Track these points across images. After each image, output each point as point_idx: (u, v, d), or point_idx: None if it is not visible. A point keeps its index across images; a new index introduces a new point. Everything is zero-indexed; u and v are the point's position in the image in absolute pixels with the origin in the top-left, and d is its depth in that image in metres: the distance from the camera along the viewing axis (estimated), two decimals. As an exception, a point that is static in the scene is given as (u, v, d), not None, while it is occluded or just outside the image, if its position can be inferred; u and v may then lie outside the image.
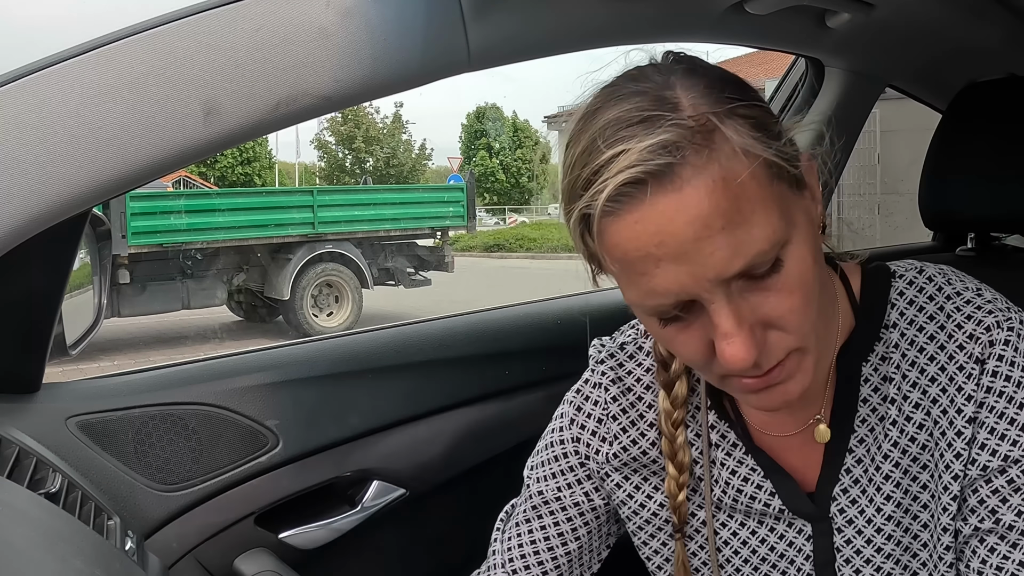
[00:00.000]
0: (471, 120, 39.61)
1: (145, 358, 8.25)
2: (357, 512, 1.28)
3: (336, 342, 1.41)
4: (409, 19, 0.82)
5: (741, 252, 0.63)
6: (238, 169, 31.03)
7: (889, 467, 0.77)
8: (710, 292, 0.64)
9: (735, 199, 0.62)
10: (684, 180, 0.62)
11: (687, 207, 0.62)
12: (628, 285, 0.68)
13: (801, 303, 0.67)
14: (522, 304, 1.61)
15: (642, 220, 0.63)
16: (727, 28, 1.10)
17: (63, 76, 0.73)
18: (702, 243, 0.62)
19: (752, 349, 0.65)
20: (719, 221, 0.62)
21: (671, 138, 0.62)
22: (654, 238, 0.63)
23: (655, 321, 0.69)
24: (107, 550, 0.81)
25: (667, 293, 0.65)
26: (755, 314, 0.66)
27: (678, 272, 0.64)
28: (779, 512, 0.83)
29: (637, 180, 0.62)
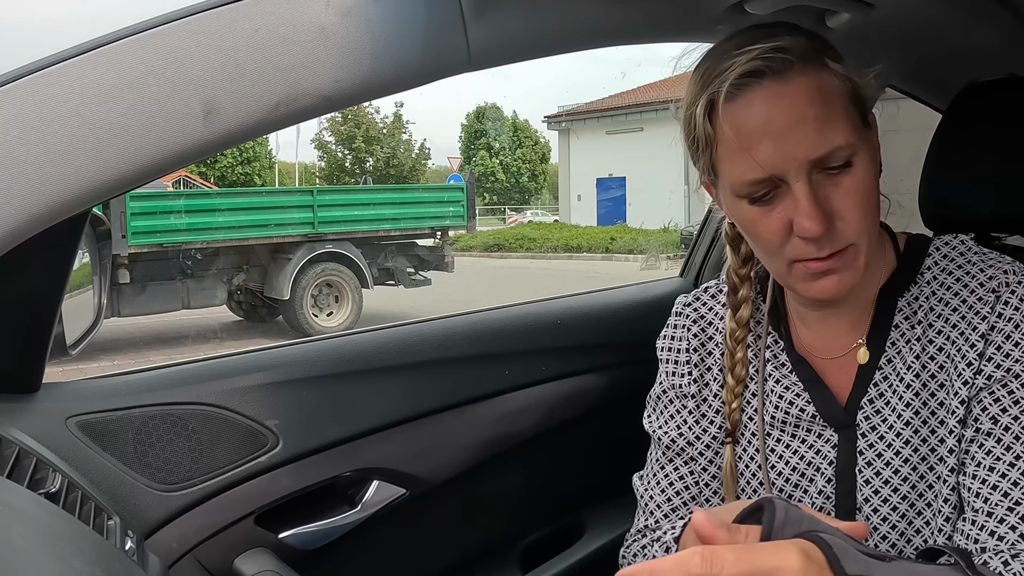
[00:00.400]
0: (471, 120, 39.62)
1: (145, 358, 8.25)
2: (357, 512, 1.28)
3: (336, 342, 1.41)
4: (409, 19, 0.82)
5: (825, 142, 0.81)
6: (238, 169, 31.03)
7: (911, 379, 0.90)
8: (797, 171, 0.82)
9: (826, 103, 0.82)
10: (792, 78, 0.82)
11: (791, 97, 0.81)
12: (733, 162, 0.85)
13: (862, 204, 0.84)
14: (522, 304, 1.61)
15: (756, 103, 0.82)
16: (727, 28, 1.10)
17: (63, 76, 0.73)
18: (797, 127, 0.81)
19: (822, 222, 0.82)
20: (812, 113, 0.81)
21: (787, 45, 0.82)
22: (763, 116, 0.82)
23: (745, 203, 0.86)
24: (107, 550, 0.81)
25: (765, 165, 0.82)
26: (827, 203, 0.83)
27: (776, 149, 0.82)
28: (811, 420, 0.95)
29: (757, 71, 0.82)
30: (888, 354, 0.92)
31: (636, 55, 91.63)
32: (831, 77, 0.84)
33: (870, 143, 0.87)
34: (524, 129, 40.22)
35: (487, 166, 38.39)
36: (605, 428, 1.60)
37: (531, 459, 1.51)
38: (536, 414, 1.49)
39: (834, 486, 0.94)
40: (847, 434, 0.94)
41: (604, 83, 61.70)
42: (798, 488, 0.96)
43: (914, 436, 0.90)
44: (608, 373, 1.58)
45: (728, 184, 0.87)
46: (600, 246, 18.75)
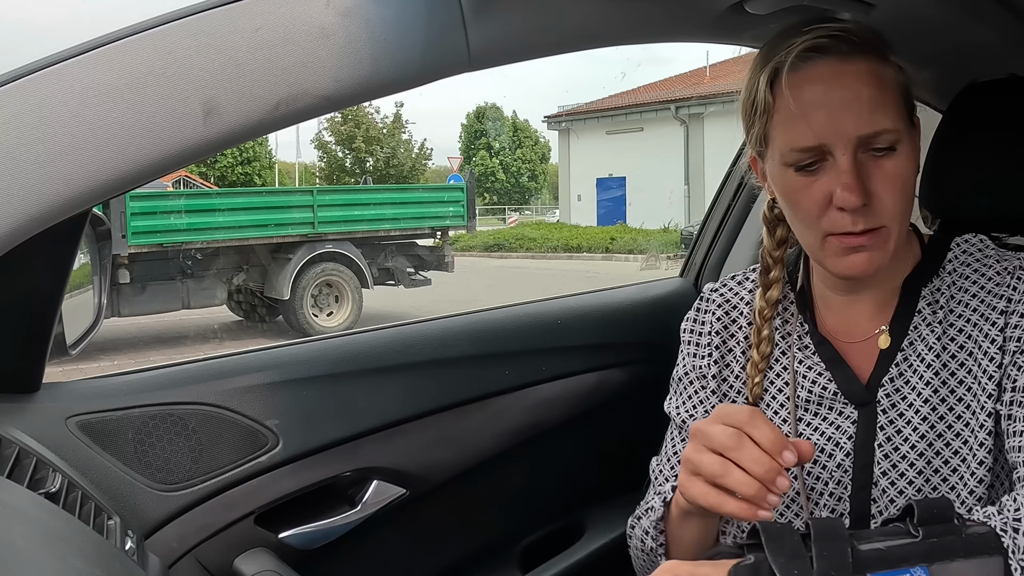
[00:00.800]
0: (471, 120, 39.61)
1: (145, 358, 8.24)
2: (357, 512, 1.28)
3: (336, 342, 1.41)
4: (409, 19, 0.82)
5: (875, 122, 0.87)
6: (238, 169, 31.01)
7: (932, 360, 0.95)
8: (844, 145, 0.87)
9: (881, 88, 0.89)
10: (853, 59, 0.88)
11: (850, 76, 0.88)
12: (787, 128, 0.90)
13: (899, 189, 0.90)
14: (522, 304, 1.61)
15: (817, 75, 0.88)
16: (727, 28, 1.10)
17: (63, 76, 0.73)
18: (852, 104, 0.87)
19: (861, 195, 0.87)
20: (867, 93, 0.87)
21: (853, 29, 0.89)
22: (821, 87, 0.88)
23: (791, 171, 0.91)
24: (107, 550, 0.81)
25: (816, 133, 0.88)
26: (868, 180, 0.88)
27: (828, 121, 0.87)
28: (833, 397, 0.99)
29: (822, 48, 0.88)
30: (910, 337, 0.97)
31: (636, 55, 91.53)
32: (888, 67, 0.90)
33: (914, 139, 0.93)
34: (524, 129, 40.22)
35: (487, 166, 38.38)
36: (605, 428, 1.60)
37: (531, 459, 1.51)
38: (536, 414, 1.49)
39: (852, 460, 0.97)
40: (867, 411, 0.97)
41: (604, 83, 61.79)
42: (816, 464, 0.99)
43: (932, 413, 0.94)
44: (608, 373, 1.58)
45: (778, 151, 0.92)
46: (600, 246, 18.74)
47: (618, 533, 1.56)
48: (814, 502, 0.99)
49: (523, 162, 39.50)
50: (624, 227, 21.51)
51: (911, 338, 0.97)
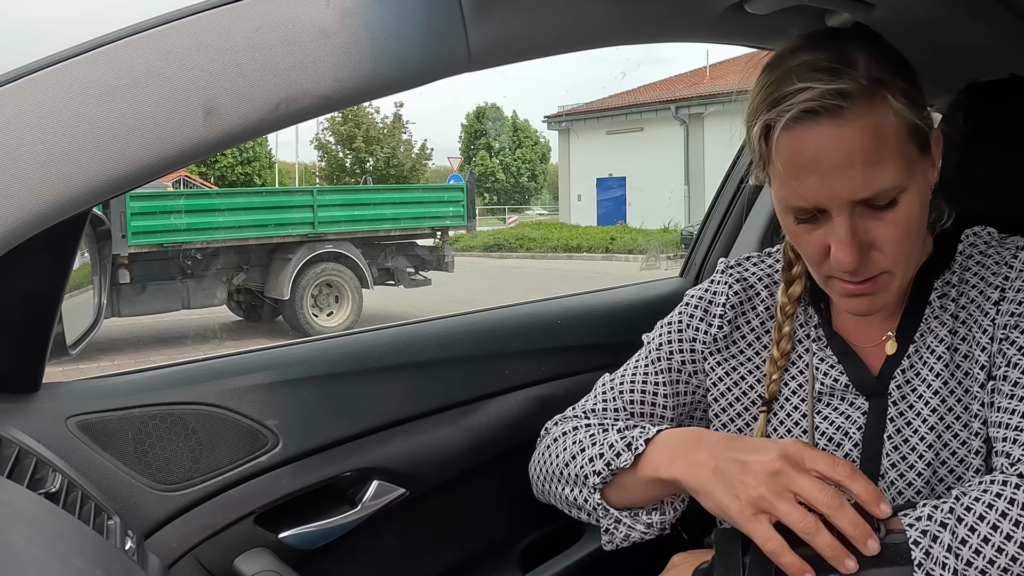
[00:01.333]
0: (471, 120, 39.61)
1: (145, 358, 8.25)
2: (357, 512, 1.28)
3: (336, 342, 1.41)
4: (409, 19, 0.82)
5: (870, 184, 0.84)
6: (238, 169, 31.00)
7: (942, 352, 0.95)
8: (839, 207, 0.86)
9: (878, 145, 0.84)
10: (847, 120, 0.83)
11: (843, 140, 0.83)
12: (781, 185, 0.89)
13: (902, 238, 0.88)
14: (522, 304, 1.61)
15: (809, 140, 0.84)
16: (727, 28, 1.10)
17: (63, 76, 0.73)
18: (845, 169, 0.84)
19: (856, 259, 0.86)
20: (862, 157, 0.83)
21: (846, 88, 0.83)
22: (814, 155, 0.84)
23: (791, 218, 0.91)
24: (107, 550, 0.81)
25: (808, 199, 0.87)
26: (866, 235, 0.87)
27: (821, 185, 0.85)
28: (844, 389, 1.00)
29: (814, 111, 0.84)
30: (920, 330, 0.98)
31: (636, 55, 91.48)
32: (889, 116, 0.85)
33: (924, 172, 0.91)
34: (524, 129, 40.22)
35: (487, 166, 38.38)
36: (605, 428, 1.60)
37: (531, 459, 1.50)
38: (536, 414, 1.49)
39: (860, 451, 0.98)
40: (878, 402, 0.98)
41: (604, 83, 61.81)
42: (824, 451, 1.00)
43: (941, 405, 0.94)
44: (608, 373, 1.58)
45: (776, 198, 0.93)
46: (600, 246, 18.75)
47: (618, 533, 1.56)
48: None
49: (523, 162, 39.51)
50: (624, 227, 21.52)
51: (921, 330, 0.97)
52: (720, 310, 1.09)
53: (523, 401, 1.46)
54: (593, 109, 25.99)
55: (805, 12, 1.04)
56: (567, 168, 27.10)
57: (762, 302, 1.09)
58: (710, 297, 1.11)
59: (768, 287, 1.10)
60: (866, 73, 0.85)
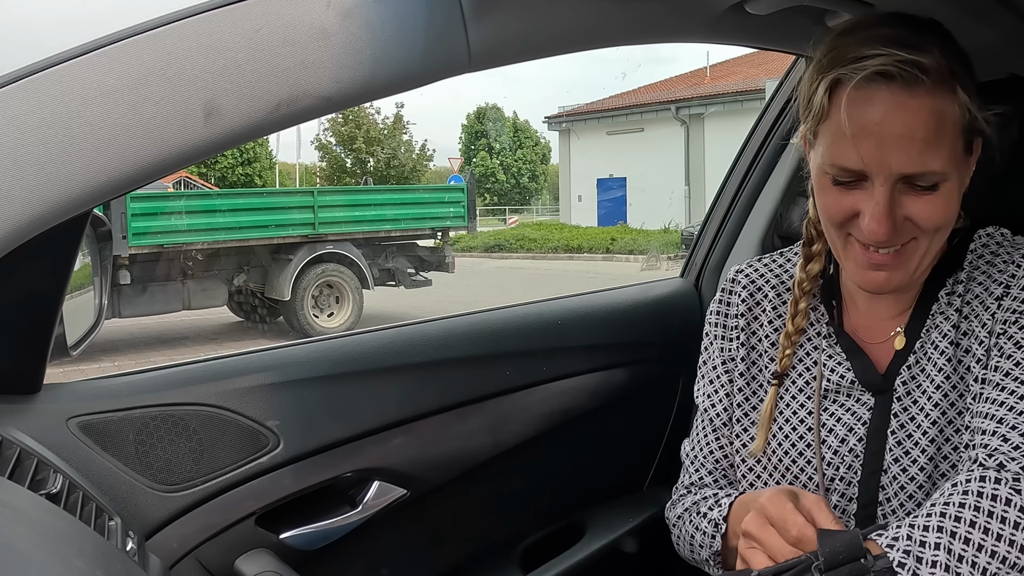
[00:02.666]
0: (471, 121, 39.59)
1: (146, 359, 8.24)
2: (358, 512, 1.28)
3: (337, 343, 1.41)
4: (409, 20, 0.82)
5: (920, 163, 0.86)
6: (238, 170, 30.99)
7: (946, 347, 0.96)
8: (884, 177, 0.87)
9: (939, 129, 0.86)
10: (918, 94, 0.85)
11: (909, 110, 0.85)
12: (834, 142, 0.89)
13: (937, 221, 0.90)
14: (522, 304, 1.60)
15: (878, 101, 0.86)
16: (727, 28, 1.10)
17: (64, 76, 0.73)
18: (903, 140, 0.85)
19: (890, 229, 0.88)
20: (922, 134, 0.85)
21: (924, 62, 0.85)
22: (877, 116, 0.86)
23: (830, 178, 0.91)
24: (108, 550, 0.81)
25: (859, 160, 0.87)
26: (902, 210, 0.89)
27: (876, 150, 0.86)
28: (851, 385, 1.01)
29: (890, 75, 0.85)
30: (927, 326, 0.99)
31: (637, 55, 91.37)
32: (953, 105, 0.87)
33: (964, 170, 0.92)
34: (524, 130, 40.20)
35: (487, 167, 38.36)
36: (606, 428, 1.60)
37: (532, 459, 1.50)
38: (537, 414, 1.49)
39: (864, 445, 0.99)
40: (884, 398, 0.99)
41: (604, 83, 61.81)
42: (829, 448, 1.01)
43: (943, 400, 0.95)
44: (609, 373, 1.58)
45: (822, 156, 0.92)
46: (601, 246, 18.74)
47: (619, 533, 1.56)
48: (824, 487, 1.01)
49: (523, 163, 39.49)
50: (625, 227, 21.51)
51: (927, 326, 0.99)
52: (735, 321, 1.12)
53: (524, 402, 1.46)
54: (593, 110, 25.99)
55: (805, 12, 1.05)
56: (567, 169, 27.09)
57: (767, 295, 1.12)
58: (724, 310, 1.13)
59: (775, 287, 1.12)
60: (942, 59, 0.87)
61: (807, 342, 1.06)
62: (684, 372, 1.69)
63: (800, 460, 1.04)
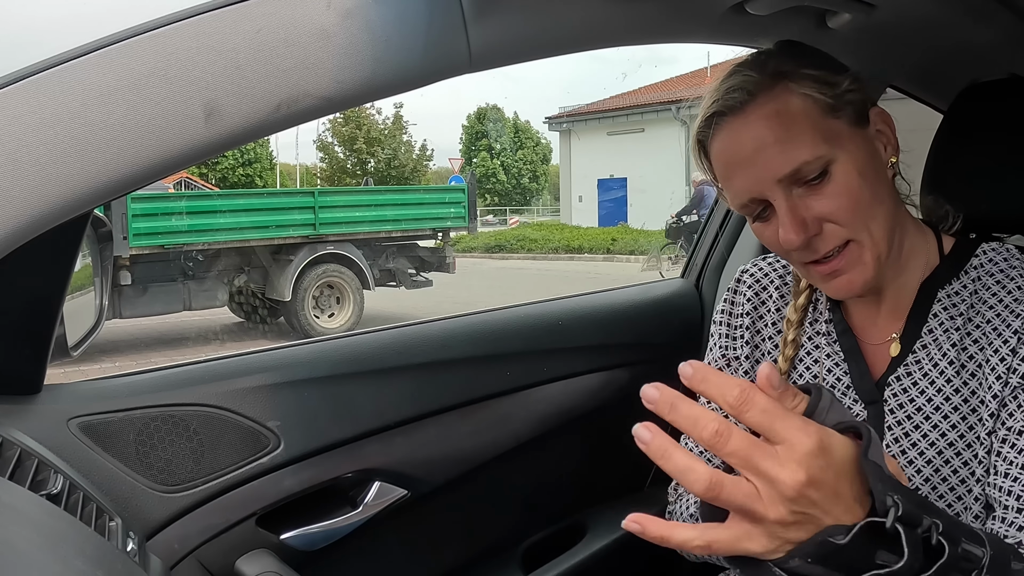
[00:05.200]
0: (472, 121, 39.58)
1: (146, 359, 8.24)
2: (359, 513, 1.28)
3: (337, 343, 1.41)
4: (410, 20, 0.82)
5: (787, 160, 0.88)
6: (239, 170, 31.00)
7: (945, 366, 0.94)
8: (772, 191, 0.90)
9: (786, 125, 0.89)
10: (748, 111, 0.90)
11: (750, 127, 0.90)
12: (726, 188, 0.95)
13: (848, 205, 0.89)
14: (522, 305, 1.61)
15: (723, 139, 0.92)
16: (727, 28, 1.10)
17: (64, 77, 0.73)
18: (760, 152, 0.89)
19: (800, 234, 0.89)
20: (772, 137, 0.88)
21: (737, 83, 0.91)
22: (729, 150, 0.92)
23: (750, 219, 0.96)
24: (109, 551, 0.81)
25: (744, 192, 0.92)
26: (810, 211, 0.90)
27: (747, 175, 0.91)
28: (845, 390, 1.00)
29: (718, 112, 0.92)
30: (924, 340, 0.97)
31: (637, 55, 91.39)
32: (793, 99, 0.90)
33: (860, 143, 0.92)
34: (525, 130, 40.19)
35: (488, 167, 38.34)
36: (606, 429, 1.60)
37: (532, 460, 1.51)
38: (537, 415, 1.49)
39: None
40: (875, 409, 0.98)
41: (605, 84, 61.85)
42: None
43: (943, 421, 0.93)
44: (609, 374, 1.58)
45: (731, 205, 0.98)
46: (601, 247, 18.74)
47: (620, 534, 1.56)
48: None
49: (524, 163, 39.48)
50: (625, 228, 21.50)
51: (925, 341, 0.97)
52: (740, 320, 1.12)
53: (524, 402, 1.46)
54: (594, 110, 25.99)
55: (805, 12, 1.05)
56: (568, 169, 27.09)
57: (774, 302, 1.11)
58: (730, 309, 1.14)
59: (779, 288, 1.12)
60: (767, 70, 0.91)
61: (807, 341, 1.06)
62: (685, 372, 1.69)
63: None
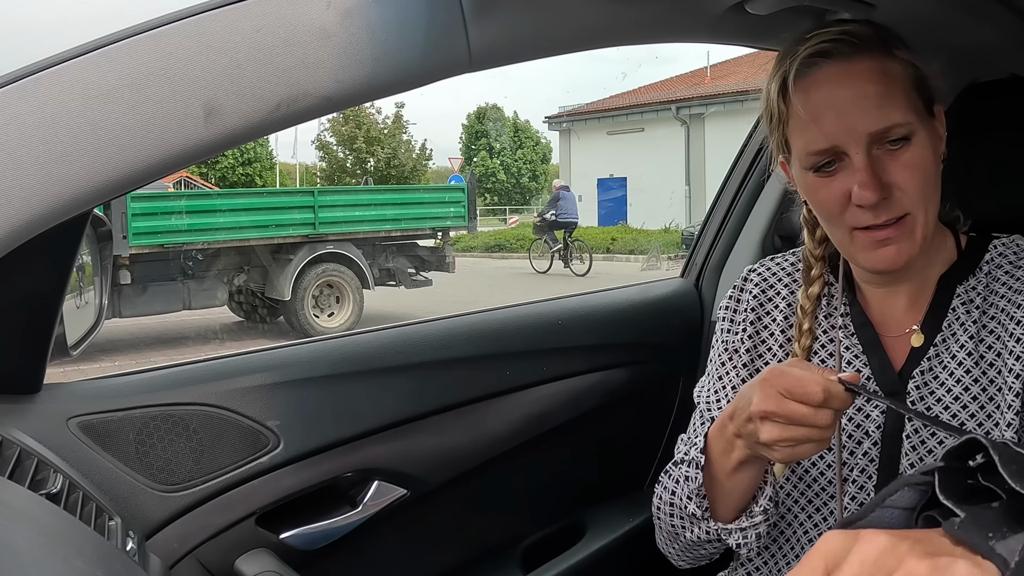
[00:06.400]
0: (472, 120, 39.56)
1: (146, 359, 8.24)
2: (358, 512, 1.28)
3: (337, 343, 1.41)
4: (410, 20, 0.82)
5: (884, 117, 0.89)
6: (239, 170, 31.00)
7: (964, 358, 0.95)
8: (857, 143, 0.89)
9: (888, 83, 0.90)
10: (856, 59, 0.90)
11: (855, 76, 0.89)
12: (801, 134, 0.93)
13: (919, 177, 0.90)
14: (522, 304, 1.60)
15: (822, 78, 0.90)
16: (727, 28, 1.10)
17: (64, 76, 0.73)
18: (858, 102, 0.89)
19: (878, 192, 0.88)
20: (873, 90, 0.89)
21: (854, 31, 0.91)
22: (828, 92, 0.90)
23: (811, 174, 0.94)
24: (108, 550, 0.81)
25: (827, 136, 0.90)
26: (885, 174, 0.90)
27: (838, 121, 0.89)
28: (865, 381, 1.00)
29: (825, 52, 0.90)
30: (943, 334, 0.98)
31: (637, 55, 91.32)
32: (895, 63, 0.91)
33: (932, 129, 0.94)
34: (525, 130, 40.17)
35: (488, 167, 38.33)
36: (606, 428, 1.60)
37: (532, 459, 1.51)
38: (537, 414, 1.49)
39: (879, 449, 0.98)
40: (897, 400, 0.97)
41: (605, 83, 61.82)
42: (844, 449, 1.00)
43: (962, 411, 0.94)
44: (609, 373, 1.58)
45: (797, 156, 0.95)
46: (601, 246, 18.74)
47: (619, 533, 1.56)
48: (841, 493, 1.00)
49: (524, 163, 39.46)
50: (625, 227, 21.50)
51: (944, 335, 0.98)
52: (743, 316, 1.11)
53: (524, 402, 1.46)
54: (594, 110, 25.98)
55: (806, 12, 1.05)
56: (568, 169, 27.07)
57: (779, 294, 1.11)
58: (735, 305, 1.13)
59: (788, 285, 1.11)
60: (870, 28, 0.93)
61: (822, 335, 1.05)
62: (684, 372, 1.69)
63: (820, 463, 1.02)
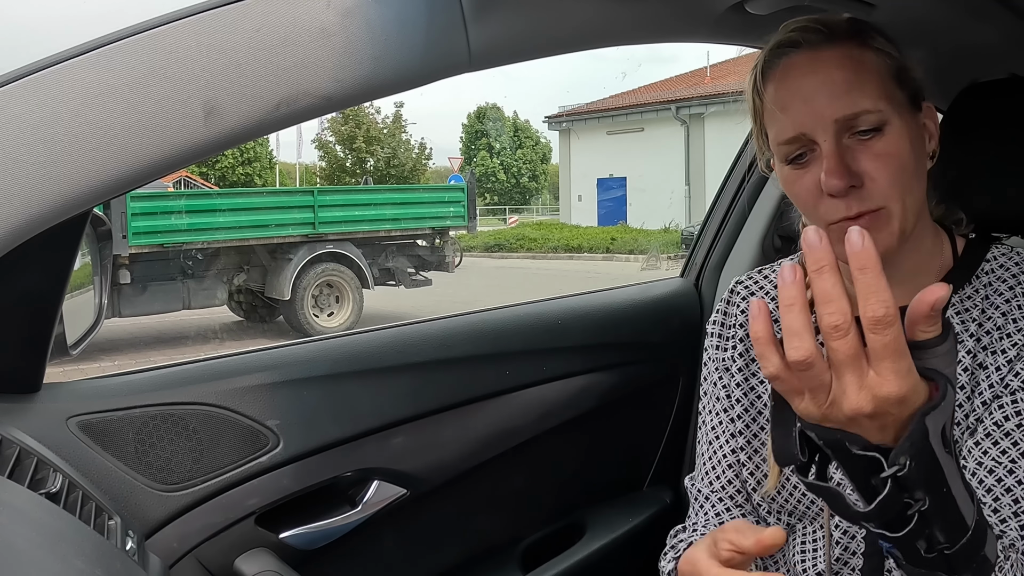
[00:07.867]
0: (471, 120, 39.59)
1: (146, 358, 8.24)
2: (358, 512, 1.28)
3: (337, 342, 1.41)
4: (410, 19, 0.82)
5: (851, 103, 0.87)
6: (239, 169, 31.01)
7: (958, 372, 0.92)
8: (824, 132, 0.87)
9: (857, 70, 0.88)
10: (824, 49, 0.89)
11: (822, 63, 0.88)
12: (772, 124, 0.92)
13: (893, 167, 0.87)
14: (522, 304, 1.61)
15: (790, 69, 0.90)
16: (727, 28, 1.10)
17: (64, 76, 0.73)
18: (825, 88, 0.87)
19: (844, 179, 0.86)
20: (841, 77, 0.87)
21: (825, 20, 0.90)
22: (793, 78, 0.89)
23: (786, 167, 0.92)
24: (108, 550, 0.81)
25: (796, 125, 0.88)
26: (855, 163, 0.87)
27: (805, 108, 0.88)
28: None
29: (793, 42, 0.90)
30: None
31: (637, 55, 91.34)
32: (868, 52, 0.90)
33: (912, 121, 0.91)
34: (525, 129, 40.19)
35: (488, 166, 38.35)
36: (605, 428, 1.60)
37: (531, 459, 1.51)
38: (536, 414, 1.49)
39: None
40: None
41: (605, 83, 61.85)
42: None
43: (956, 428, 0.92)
44: (608, 373, 1.58)
45: (772, 149, 0.94)
46: (601, 246, 18.74)
47: (618, 533, 1.56)
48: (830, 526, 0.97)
49: (524, 162, 39.48)
50: (625, 227, 21.51)
51: None
52: (732, 331, 1.09)
53: (524, 401, 1.46)
54: (594, 109, 25.98)
55: (805, 12, 1.04)
56: (568, 168, 27.09)
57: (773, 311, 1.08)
58: (722, 320, 1.11)
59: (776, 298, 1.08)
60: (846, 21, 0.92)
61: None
62: (684, 372, 1.69)
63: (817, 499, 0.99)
